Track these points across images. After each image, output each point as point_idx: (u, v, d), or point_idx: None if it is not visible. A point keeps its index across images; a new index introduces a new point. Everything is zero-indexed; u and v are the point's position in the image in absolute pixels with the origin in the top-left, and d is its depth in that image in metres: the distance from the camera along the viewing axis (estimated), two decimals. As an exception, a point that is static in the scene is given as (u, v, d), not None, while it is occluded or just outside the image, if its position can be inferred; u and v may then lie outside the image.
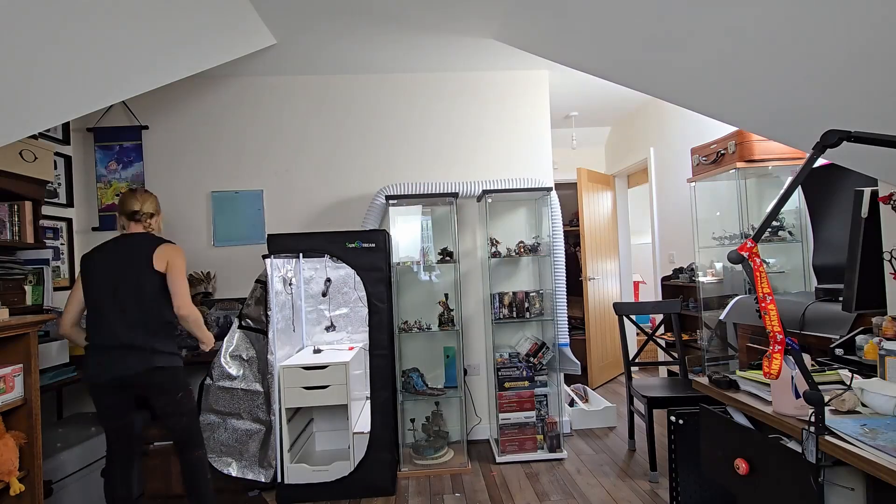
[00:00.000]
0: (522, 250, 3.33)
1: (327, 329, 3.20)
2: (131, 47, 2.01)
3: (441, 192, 3.30)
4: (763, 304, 1.20)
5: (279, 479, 2.68)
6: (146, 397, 2.18)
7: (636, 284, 5.79)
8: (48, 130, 3.14)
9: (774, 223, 3.02)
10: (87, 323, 2.13)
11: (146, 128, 3.42)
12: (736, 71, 1.67)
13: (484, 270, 3.48)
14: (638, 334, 4.35)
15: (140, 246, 2.16)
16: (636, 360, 3.22)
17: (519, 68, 3.55)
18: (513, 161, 3.57)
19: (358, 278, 2.90)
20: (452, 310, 3.24)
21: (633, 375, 3.26)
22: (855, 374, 1.56)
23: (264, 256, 2.74)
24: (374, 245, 2.88)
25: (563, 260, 3.37)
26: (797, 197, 2.97)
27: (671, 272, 4.04)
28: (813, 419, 1.22)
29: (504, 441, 3.12)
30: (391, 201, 3.22)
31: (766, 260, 3.14)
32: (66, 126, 3.28)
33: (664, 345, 3.57)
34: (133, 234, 2.22)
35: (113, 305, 2.07)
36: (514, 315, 3.25)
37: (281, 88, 3.49)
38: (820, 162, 1.39)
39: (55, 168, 3.13)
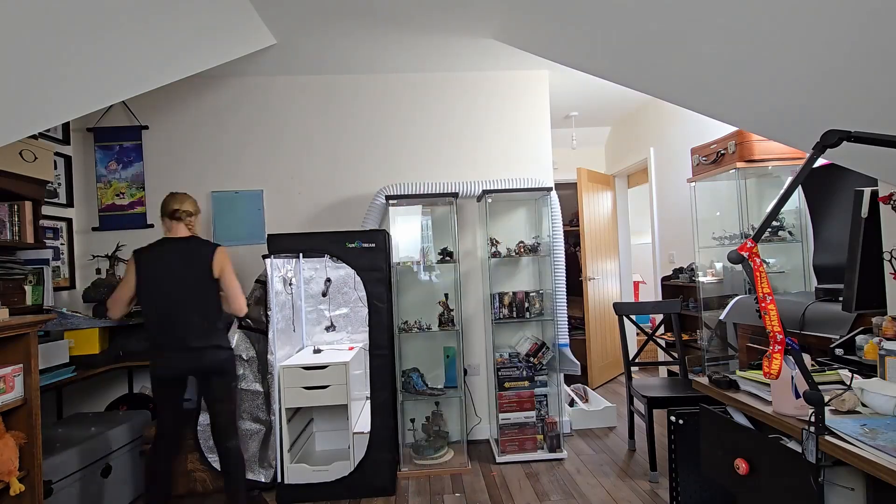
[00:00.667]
0: (522, 250, 3.33)
1: (327, 329, 3.20)
2: (131, 47, 2.01)
3: (441, 192, 3.30)
4: (763, 304, 1.20)
5: (279, 479, 2.68)
6: (204, 384, 2.34)
7: (636, 284, 5.79)
8: (48, 130, 3.14)
9: (774, 223, 3.02)
10: (149, 324, 2.27)
11: (146, 128, 3.42)
12: (736, 71, 1.67)
13: (484, 270, 3.48)
14: (638, 334, 4.35)
15: (199, 252, 2.30)
16: (636, 360, 3.22)
17: (519, 68, 3.55)
18: (513, 161, 3.57)
19: (358, 278, 2.90)
20: (452, 310, 3.24)
21: (633, 375, 3.26)
22: (855, 374, 1.56)
23: (264, 256, 2.74)
24: (374, 245, 2.88)
25: (563, 260, 3.37)
26: (797, 197, 2.97)
27: (671, 272, 4.04)
28: (813, 419, 1.22)
29: (504, 441, 3.12)
30: (391, 201, 3.22)
31: (766, 260, 3.14)
32: (66, 126, 3.28)
33: (664, 345, 3.57)
34: (188, 239, 2.34)
35: (176, 309, 2.24)
36: (514, 315, 3.25)
37: (281, 88, 3.49)
38: (820, 162, 1.39)
39: (55, 168, 3.13)
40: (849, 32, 1.27)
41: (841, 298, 1.94)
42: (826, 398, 1.28)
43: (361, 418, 2.91)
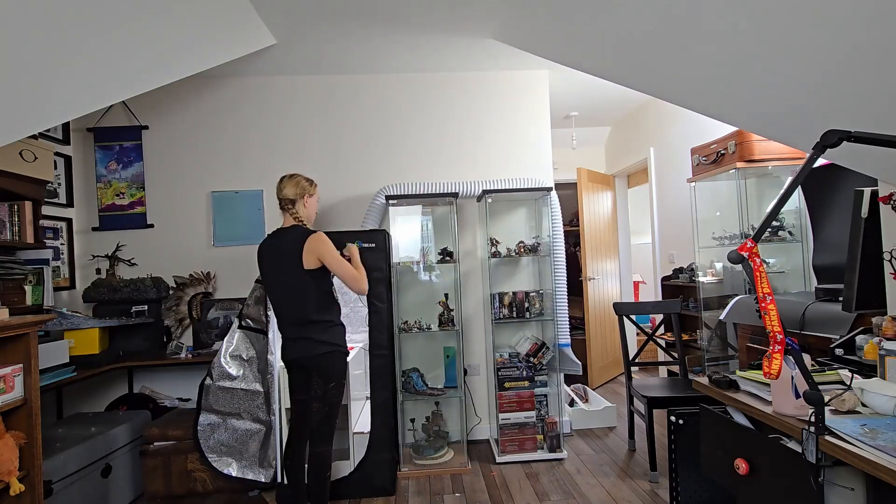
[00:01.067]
0: (522, 250, 3.33)
1: (327, 329, 3.19)
2: (131, 47, 2.01)
3: (441, 192, 3.30)
4: (763, 304, 1.20)
5: (279, 479, 2.68)
6: (310, 378, 2.26)
7: (636, 284, 5.79)
8: (48, 130, 3.14)
9: (774, 223, 3.02)
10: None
11: (146, 128, 3.42)
12: (736, 71, 1.67)
13: (484, 270, 3.48)
14: (638, 334, 4.35)
15: (290, 245, 2.21)
16: (636, 360, 3.22)
17: (519, 68, 3.55)
18: (513, 161, 3.57)
19: (358, 278, 2.89)
20: (452, 310, 3.24)
21: (633, 375, 3.26)
22: (855, 374, 1.56)
23: (264, 256, 2.73)
24: (374, 245, 2.88)
25: (564, 260, 3.37)
26: (797, 197, 2.96)
27: (671, 272, 4.04)
28: (813, 419, 1.21)
29: (504, 441, 3.12)
30: (391, 201, 3.21)
31: (766, 260, 3.14)
32: (66, 126, 3.28)
33: (664, 345, 3.57)
34: (287, 229, 2.28)
35: (278, 300, 2.27)
36: (514, 315, 3.25)
37: (281, 88, 3.49)
38: (820, 162, 1.39)
39: (55, 168, 3.13)
40: (849, 32, 1.27)
41: (841, 298, 1.94)
42: (826, 398, 1.28)
43: (361, 418, 2.91)
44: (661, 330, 3.78)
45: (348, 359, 2.71)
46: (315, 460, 2.24)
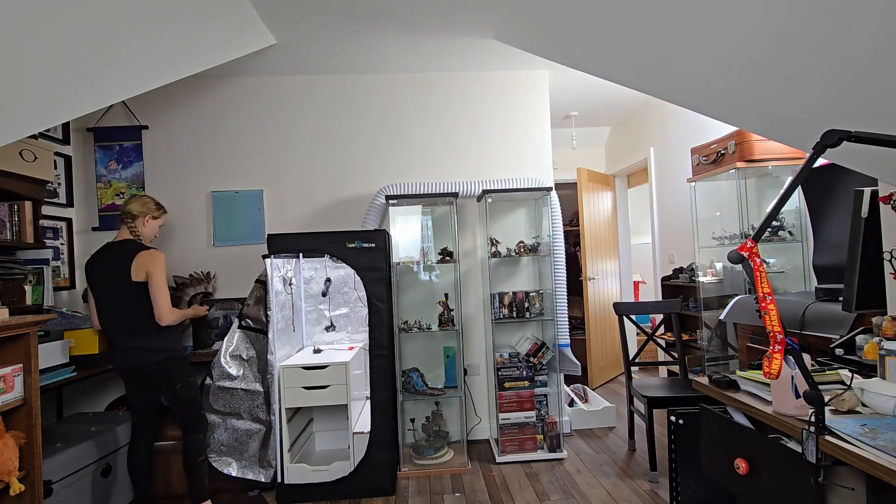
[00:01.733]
0: (522, 250, 3.33)
1: (327, 329, 3.20)
2: (131, 47, 2.01)
3: (441, 192, 3.30)
4: (763, 304, 1.20)
5: (279, 479, 2.68)
6: (148, 384, 2.47)
7: (636, 284, 5.79)
8: (48, 130, 3.14)
9: (774, 223, 3.02)
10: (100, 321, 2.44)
11: (146, 128, 3.42)
12: (736, 71, 1.67)
13: (484, 270, 3.48)
14: (638, 334, 4.35)
15: (121, 256, 2.35)
16: (636, 360, 3.22)
17: (519, 68, 3.55)
18: (513, 161, 3.57)
19: (358, 278, 2.90)
20: (452, 310, 3.24)
21: (633, 375, 3.26)
22: (855, 374, 1.56)
23: (264, 256, 2.74)
24: (374, 245, 2.88)
25: (564, 260, 3.37)
26: (797, 197, 2.97)
27: (671, 272, 4.04)
28: (813, 419, 1.22)
29: (504, 441, 3.12)
30: (391, 201, 3.22)
31: (766, 260, 3.14)
32: (66, 126, 3.28)
33: (664, 345, 3.57)
34: (119, 242, 2.41)
35: (107, 312, 2.37)
36: (514, 315, 3.25)
37: (281, 88, 3.49)
38: (820, 162, 1.39)
39: (55, 168, 3.13)
40: (849, 32, 1.27)
41: (841, 298, 1.94)
42: (826, 398, 1.28)
43: (361, 418, 2.91)
44: (661, 330, 3.78)
45: (348, 359, 2.72)
46: (187, 446, 2.44)
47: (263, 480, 2.74)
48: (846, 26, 1.26)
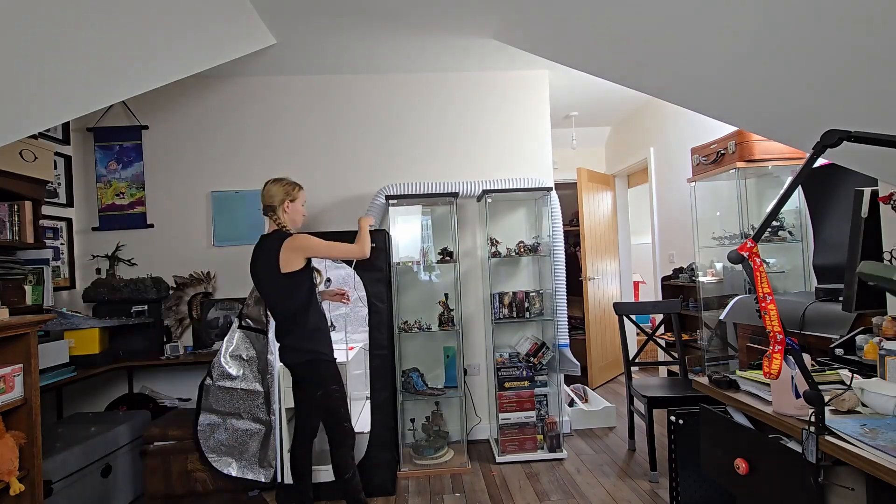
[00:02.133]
0: (522, 250, 3.33)
1: (327, 329, 3.20)
2: (131, 47, 2.01)
3: (441, 192, 3.30)
4: (763, 304, 1.20)
5: (279, 479, 2.68)
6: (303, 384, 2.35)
7: (636, 284, 5.79)
8: (48, 130, 3.14)
9: (774, 223, 3.02)
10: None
11: (146, 128, 3.42)
12: (736, 71, 1.67)
13: (484, 270, 3.48)
14: (638, 334, 4.35)
15: (270, 250, 2.23)
16: (636, 360, 3.22)
17: (519, 68, 3.55)
18: (513, 161, 3.57)
19: (358, 278, 2.90)
20: (452, 310, 3.24)
21: (632, 375, 3.26)
22: (855, 374, 1.56)
23: (264, 256, 2.73)
24: (374, 245, 2.87)
25: (564, 260, 3.37)
26: (797, 197, 2.96)
27: (671, 272, 4.04)
28: (813, 419, 1.21)
29: (504, 441, 3.12)
30: (391, 201, 3.22)
31: (766, 260, 3.14)
32: (66, 126, 3.28)
33: (664, 345, 3.57)
34: (268, 235, 2.31)
35: (269, 308, 2.39)
36: (514, 315, 3.25)
37: (281, 88, 3.49)
38: (820, 162, 1.39)
39: (55, 168, 3.13)
40: (849, 32, 1.27)
41: (841, 298, 1.94)
42: (826, 398, 1.28)
43: (361, 418, 2.91)
44: (661, 330, 3.78)
45: (348, 359, 2.72)
46: (335, 464, 2.33)
47: (263, 480, 2.74)
48: (846, 26, 1.26)
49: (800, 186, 2.24)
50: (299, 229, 2.39)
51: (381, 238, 2.91)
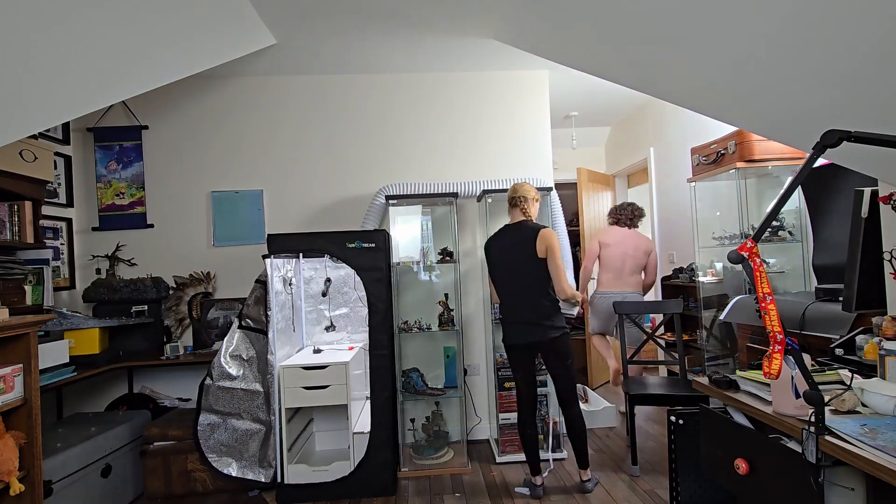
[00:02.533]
0: (522, 250, 3.32)
1: (327, 329, 3.20)
2: (131, 47, 2.01)
3: (441, 192, 3.30)
4: (763, 304, 1.20)
5: (279, 479, 2.68)
6: (546, 359, 2.64)
7: (636, 284, 5.77)
8: (48, 130, 3.14)
9: (774, 223, 3.02)
10: (500, 299, 2.69)
11: (146, 128, 3.42)
12: (736, 71, 1.67)
13: (484, 270, 3.47)
14: (638, 334, 4.34)
15: (525, 235, 2.56)
16: (635, 360, 3.22)
17: (519, 68, 3.55)
18: (513, 161, 3.57)
19: (358, 278, 2.90)
20: (452, 310, 3.24)
21: (631, 375, 3.26)
22: (855, 374, 1.56)
23: (264, 256, 2.74)
24: (374, 245, 2.88)
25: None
26: (797, 197, 2.96)
27: (671, 272, 4.04)
28: (813, 419, 1.22)
29: (504, 441, 3.12)
30: (391, 201, 3.22)
31: (766, 260, 3.14)
32: (66, 126, 3.28)
33: (664, 344, 3.57)
34: (518, 223, 2.64)
35: (511, 289, 2.60)
36: (514, 315, 3.24)
37: (281, 88, 3.49)
38: (820, 162, 1.39)
39: (55, 168, 3.13)
40: (850, 32, 1.27)
41: (841, 298, 1.94)
42: (826, 398, 1.28)
43: (361, 418, 2.91)
44: (662, 330, 3.78)
45: (348, 359, 2.72)
46: (572, 419, 2.60)
47: (263, 480, 2.74)
48: (846, 26, 1.26)
49: (800, 186, 2.24)
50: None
51: (381, 238, 2.91)
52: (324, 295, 3.19)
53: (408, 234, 3.36)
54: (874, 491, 1.19)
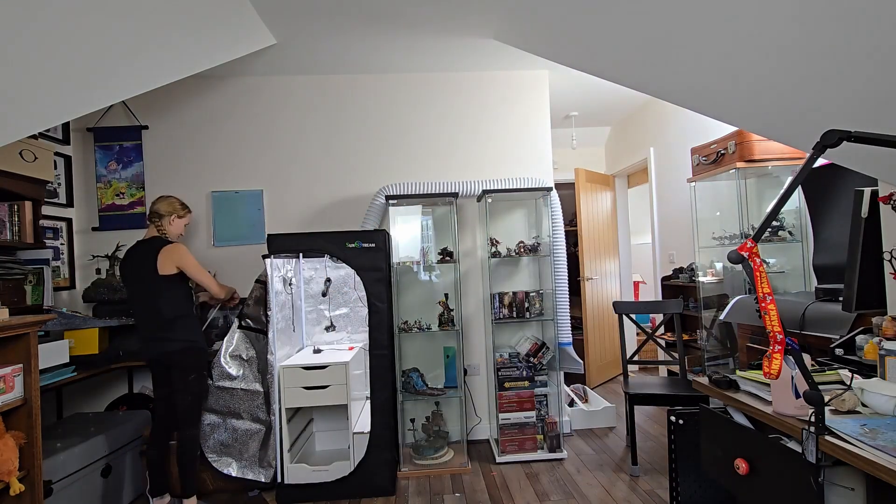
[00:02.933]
0: (522, 250, 3.33)
1: (327, 329, 3.20)
2: (131, 47, 2.01)
3: (441, 192, 3.30)
4: (763, 304, 1.20)
5: (279, 479, 2.68)
6: (169, 373, 2.54)
7: (636, 284, 5.79)
8: (48, 130, 3.14)
9: (774, 223, 3.02)
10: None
11: (146, 128, 3.42)
12: (736, 71, 1.67)
13: (484, 270, 3.48)
14: (637, 334, 4.35)
15: (148, 252, 2.49)
16: (635, 360, 3.22)
17: (519, 68, 3.55)
18: (513, 161, 3.57)
19: (358, 278, 2.90)
20: (452, 310, 3.24)
21: (632, 375, 3.26)
22: (855, 374, 1.56)
23: (264, 256, 2.74)
24: (374, 245, 2.88)
25: (565, 260, 3.37)
26: (797, 197, 2.97)
27: (671, 272, 4.04)
28: (813, 419, 1.22)
29: (504, 441, 3.12)
30: (391, 201, 3.22)
31: (766, 260, 3.14)
32: (66, 126, 3.28)
33: (664, 344, 3.58)
34: (147, 240, 2.55)
35: (138, 306, 2.52)
36: (514, 315, 3.25)
37: (281, 88, 3.49)
38: (820, 162, 1.39)
39: (55, 168, 3.13)
40: (849, 32, 1.27)
41: (841, 298, 1.94)
42: (826, 398, 1.28)
43: (361, 418, 2.91)
44: (661, 330, 3.78)
45: (348, 359, 2.72)
46: (184, 443, 2.48)
47: (263, 480, 2.74)
48: (846, 26, 1.26)
49: (800, 186, 2.24)
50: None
51: (380, 238, 2.91)
52: (324, 295, 3.19)
53: (408, 234, 3.36)
54: (874, 491, 1.19)
